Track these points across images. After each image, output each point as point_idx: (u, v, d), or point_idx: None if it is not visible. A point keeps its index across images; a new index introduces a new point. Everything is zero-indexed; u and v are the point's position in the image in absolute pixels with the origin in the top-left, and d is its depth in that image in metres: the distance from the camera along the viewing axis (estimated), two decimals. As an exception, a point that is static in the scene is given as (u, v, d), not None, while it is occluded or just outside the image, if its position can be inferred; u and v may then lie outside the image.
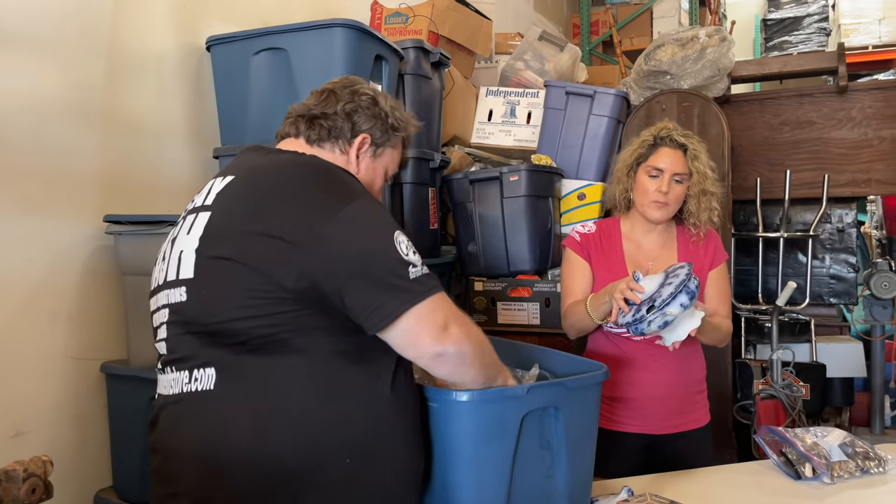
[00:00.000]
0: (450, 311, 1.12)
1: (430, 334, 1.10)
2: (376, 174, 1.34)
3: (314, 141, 1.28)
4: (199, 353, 1.12)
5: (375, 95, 1.33)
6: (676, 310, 1.53)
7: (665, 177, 1.82)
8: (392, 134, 1.33)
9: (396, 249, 1.10)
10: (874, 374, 3.54)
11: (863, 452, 1.69)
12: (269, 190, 1.15)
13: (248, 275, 1.08)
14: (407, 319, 1.08)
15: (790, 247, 3.45)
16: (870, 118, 3.29)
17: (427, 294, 1.10)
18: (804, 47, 8.43)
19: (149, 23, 2.03)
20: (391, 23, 2.83)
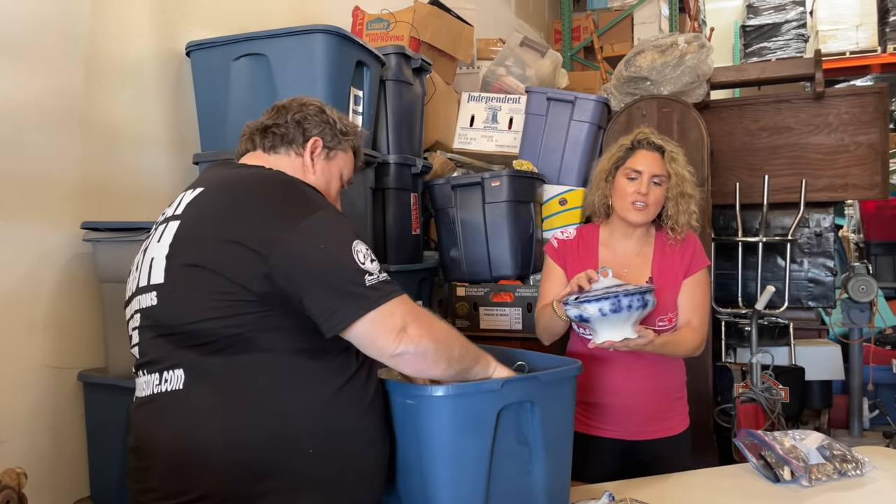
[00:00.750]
0: (409, 314, 1.18)
1: (386, 337, 1.16)
2: (332, 176, 1.42)
3: (269, 148, 1.37)
4: (168, 355, 1.17)
5: (322, 106, 1.43)
6: (593, 311, 1.59)
7: (644, 178, 1.83)
8: (342, 138, 1.42)
9: (353, 259, 1.16)
10: (852, 377, 3.59)
11: (840, 455, 1.71)
12: (234, 200, 1.21)
13: (215, 279, 1.14)
14: (363, 324, 1.15)
15: (769, 251, 3.49)
16: (846, 124, 3.34)
17: (383, 300, 1.16)
18: (783, 53, 8.55)
19: (128, 29, 2.02)
20: (372, 29, 2.83)
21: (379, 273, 1.19)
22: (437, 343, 1.20)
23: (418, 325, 1.18)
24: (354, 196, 2.19)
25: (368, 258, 1.19)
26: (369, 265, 1.18)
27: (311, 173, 1.38)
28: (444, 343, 1.22)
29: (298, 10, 2.70)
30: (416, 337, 1.17)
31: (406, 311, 1.19)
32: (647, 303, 1.60)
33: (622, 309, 1.57)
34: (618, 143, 1.94)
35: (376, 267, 1.19)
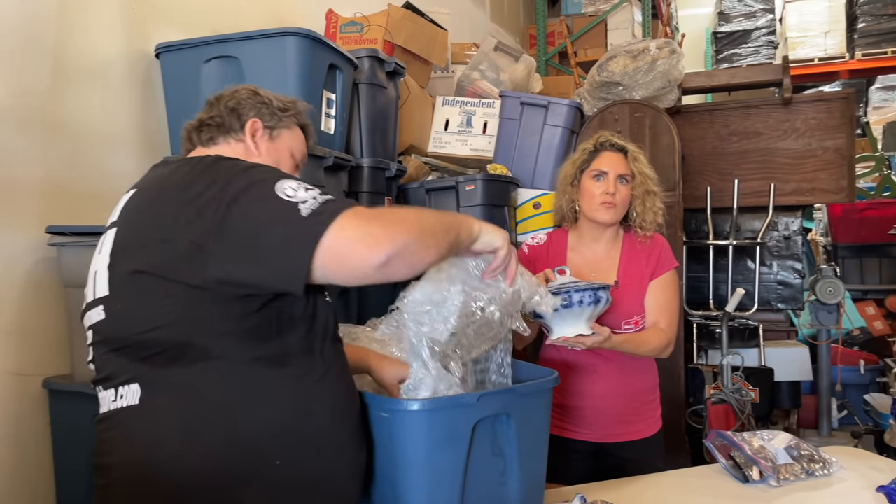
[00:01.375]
0: (365, 219, 1.03)
1: (355, 252, 1.02)
2: (280, 156, 1.36)
3: (207, 141, 1.33)
4: (122, 370, 1.12)
5: (256, 89, 1.37)
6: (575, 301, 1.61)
7: (610, 178, 1.87)
8: (282, 115, 1.36)
9: (280, 199, 1.03)
10: (820, 378, 3.65)
11: (808, 455, 1.73)
12: (163, 194, 1.15)
13: (159, 283, 1.08)
14: (321, 256, 1.01)
15: (739, 254, 3.54)
16: (813, 129, 3.41)
17: (328, 220, 1.01)
18: (753, 60, 8.69)
19: (95, 29, 1.99)
20: (346, 32, 2.82)
21: (318, 197, 1.05)
22: (412, 230, 1.06)
23: (382, 223, 1.03)
24: (327, 199, 2.18)
25: (300, 189, 1.06)
26: (302, 194, 1.05)
27: (256, 157, 1.31)
28: (419, 226, 1.08)
29: (271, 13, 2.68)
30: (386, 236, 1.02)
31: (360, 218, 1.03)
32: (600, 299, 1.62)
33: (573, 304, 1.59)
34: (579, 148, 1.98)
35: (313, 193, 1.06)
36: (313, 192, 1.06)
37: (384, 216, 1.07)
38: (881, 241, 5.21)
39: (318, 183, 2.10)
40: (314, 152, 2.04)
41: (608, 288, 1.66)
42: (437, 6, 3.49)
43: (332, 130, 2.23)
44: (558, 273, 1.72)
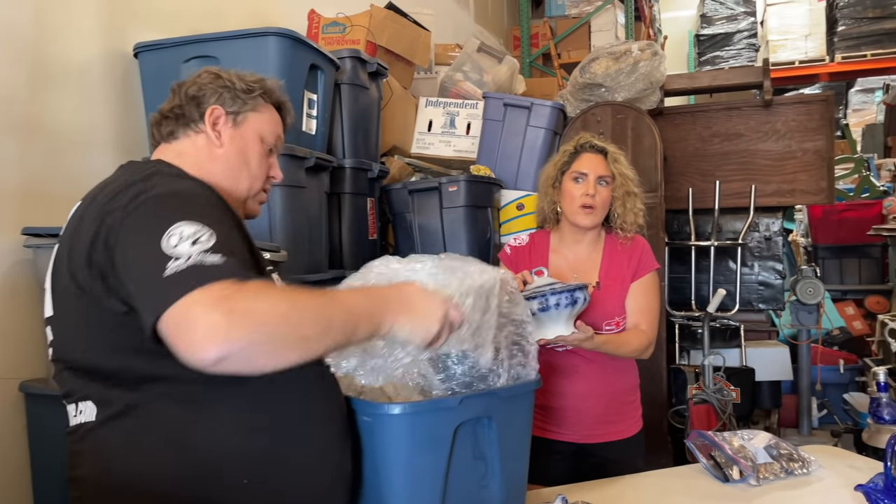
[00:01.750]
0: (217, 305, 0.88)
1: (186, 342, 0.88)
2: (247, 142, 1.26)
3: (168, 136, 1.25)
4: (77, 387, 1.09)
5: (218, 71, 1.27)
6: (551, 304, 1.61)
7: (590, 179, 1.87)
8: (247, 97, 1.25)
9: (159, 245, 0.93)
10: (801, 377, 3.68)
11: (787, 454, 1.74)
12: (86, 212, 1.08)
13: (89, 307, 1.04)
14: (162, 327, 0.90)
15: (721, 255, 3.57)
16: (793, 131, 3.44)
17: (180, 294, 0.89)
18: (735, 62, 8.77)
19: (73, 30, 1.96)
20: (328, 32, 2.81)
21: (197, 255, 0.92)
22: (271, 329, 0.90)
23: (232, 317, 0.87)
24: (309, 201, 2.17)
25: (189, 240, 0.94)
26: (183, 248, 0.93)
27: (217, 147, 1.23)
28: (284, 325, 0.92)
29: (251, 13, 2.66)
30: (225, 332, 0.86)
31: (214, 302, 0.88)
32: (577, 300, 1.62)
33: (550, 307, 1.59)
34: (560, 149, 1.98)
35: (197, 249, 0.93)
36: (200, 248, 0.93)
37: (242, 304, 0.89)
38: (860, 241, 5.28)
39: (300, 184, 2.09)
40: (295, 153, 2.03)
41: (585, 287, 1.66)
42: (420, 7, 3.49)
43: (314, 131, 2.22)
44: (536, 274, 1.72)
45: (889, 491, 1.43)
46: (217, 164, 1.23)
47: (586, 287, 1.66)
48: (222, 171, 1.23)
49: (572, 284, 1.64)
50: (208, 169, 1.22)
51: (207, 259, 0.93)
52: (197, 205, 1.04)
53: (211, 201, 1.10)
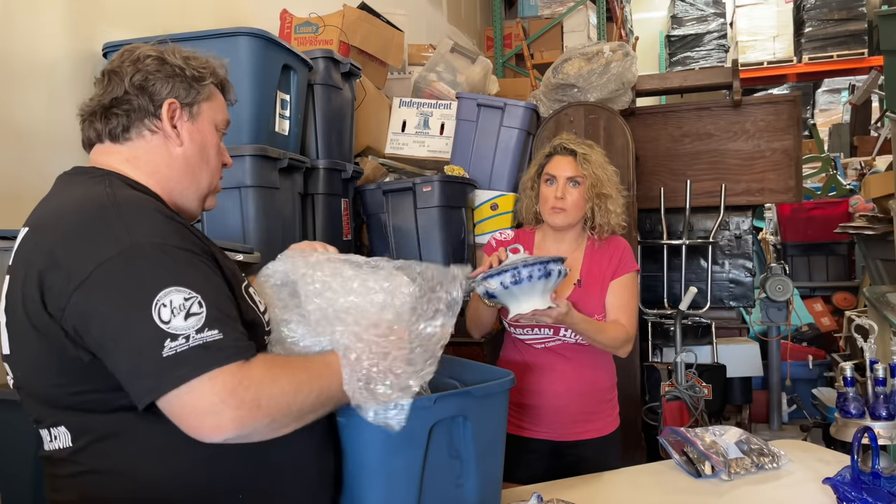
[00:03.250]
0: (224, 392, 0.91)
1: (192, 424, 0.92)
2: (205, 136, 1.18)
3: (119, 136, 1.12)
4: (46, 414, 1.04)
5: (160, 54, 1.14)
6: (496, 285, 1.59)
7: (559, 182, 1.89)
8: (199, 86, 1.16)
9: (152, 319, 0.91)
10: (771, 373, 3.74)
11: (758, 449, 1.77)
12: (41, 248, 0.99)
13: (50, 348, 0.98)
14: (163, 405, 0.93)
15: (692, 253, 3.61)
16: (762, 131, 3.50)
17: (185, 377, 0.90)
18: (705, 63, 8.89)
19: (39, 29, 1.93)
20: (301, 32, 2.79)
21: (196, 333, 0.92)
22: (276, 415, 0.97)
23: (241, 411, 0.92)
24: (282, 202, 2.15)
25: (182, 312, 0.92)
26: (178, 323, 0.91)
27: (177, 145, 1.14)
28: (287, 410, 0.99)
29: (223, 13, 2.64)
30: (233, 423, 0.91)
31: (216, 389, 0.91)
32: (551, 272, 1.58)
33: (523, 280, 1.57)
34: (540, 153, 2.01)
35: (193, 324, 0.92)
36: (195, 323, 0.92)
37: (249, 391, 0.93)
38: (828, 239, 5.38)
39: (273, 185, 2.07)
40: (268, 154, 2.01)
41: (561, 261, 1.62)
42: (394, 7, 3.49)
43: (287, 132, 2.20)
44: (511, 252, 1.71)
45: (856, 483, 1.46)
46: (175, 167, 1.15)
47: (562, 260, 1.62)
48: (181, 173, 1.16)
49: (546, 257, 1.60)
50: (165, 174, 1.14)
51: (207, 337, 0.93)
52: (177, 258, 0.98)
53: (184, 240, 1.02)
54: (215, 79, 1.21)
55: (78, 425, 1.02)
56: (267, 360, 1.01)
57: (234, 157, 1.91)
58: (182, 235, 1.03)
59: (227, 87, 1.26)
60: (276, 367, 1.01)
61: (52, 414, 1.04)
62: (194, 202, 1.20)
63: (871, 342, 1.74)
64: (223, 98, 1.24)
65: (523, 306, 1.63)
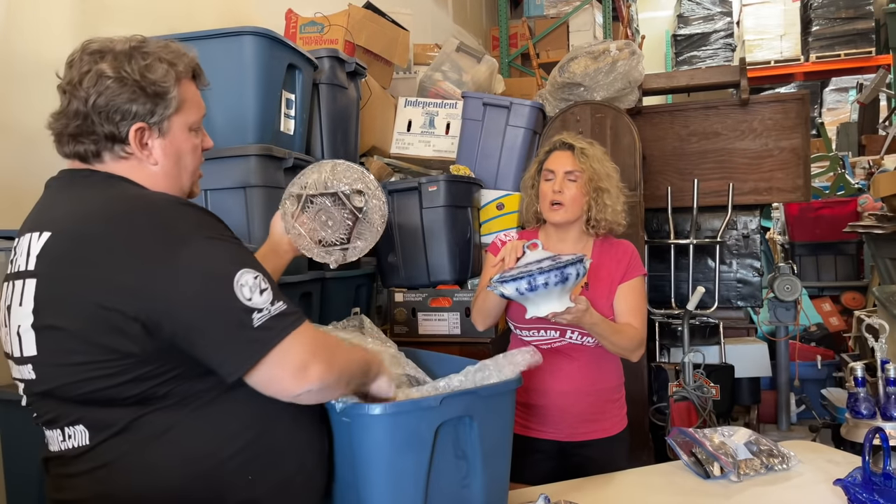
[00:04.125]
0: (308, 349, 1.06)
1: (286, 381, 1.06)
2: (179, 144, 1.17)
3: (91, 159, 1.13)
4: (63, 412, 1.07)
5: (117, 64, 1.09)
6: (511, 291, 1.57)
7: (557, 177, 1.88)
8: (164, 101, 1.12)
9: (236, 297, 1.01)
10: (779, 373, 3.71)
11: (767, 450, 1.76)
12: (89, 249, 1.03)
13: (92, 348, 1.01)
14: (259, 371, 1.04)
15: (700, 253, 3.59)
16: (770, 129, 3.47)
17: (276, 339, 1.03)
18: (712, 62, 8.87)
19: (45, 29, 1.93)
20: (306, 32, 2.79)
21: (271, 305, 1.04)
22: (340, 374, 1.13)
23: (319, 360, 1.07)
24: (288, 201, 2.15)
25: (257, 289, 1.03)
26: (258, 299, 1.03)
27: (151, 164, 1.14)
28: (346, 370, 1.15)
29: (228, 12, 2.64)
30: (318, 374, 1.07)
31: (304, 347, 1.06)
32: (568, 277, 1.54)
33: (538, 287, 1.54)
34: (539, 151, 2.01)
35: (267, 298, 1.04)
36: (268, 295, 1.04)
37: (322, 351, 1.09)
38: (836, 238, 5.35)
39: (278, 185, 2.07)
40: (273, 153, 2.01)
41: (579, 260, 1.57)
42: (399, 7, 3.48)
43: (292, 131, 2.20)
44: (530, 248, 1.67)
45: (867, 485, 1.44)
46: (155, 180, 1.15)
47: (582, 259, 1.57)
48: (163, 185, 1.16)
49: (563, 259, 1.56)
50: (154, 184, 1.15)
51: (280, 308, 1.05)
52: (231, 244, 1.08)
53: (223, 228, 1.11)
54: (183, 75, 1.16)
55: (97, 421, 1.05)
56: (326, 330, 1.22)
57: (239, 156, 1.93)
58: (216, 223, 1.11)
59: (198, 74, 1.22)
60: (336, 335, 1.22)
61: (69, 412, 1.06)
62: None
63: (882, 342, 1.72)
64: (195, 91, 1.20)
65: (541, 309, 1.61)
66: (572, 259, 1.56)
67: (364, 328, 1.67)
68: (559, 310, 1.60)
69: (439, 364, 1.61)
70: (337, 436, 1.27)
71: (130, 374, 1.03)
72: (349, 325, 1.67)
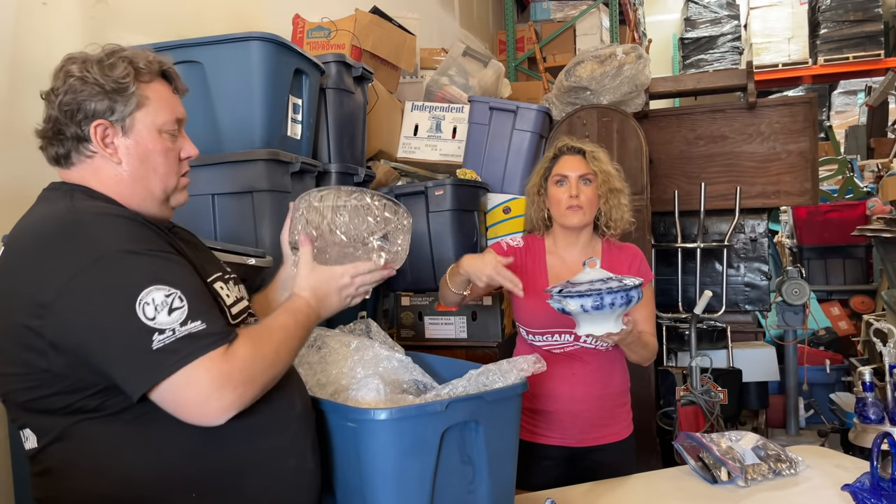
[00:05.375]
0: (212, 379, 0.99)
1: (188, 409, 1.00)
2: (146, 145, 1.14)
3: (64, 163, 1.15)
4: (17, 416, 1.11)
5: (82, 71, 1.10)
6: (575, 307, 1.56)
7: (572, 181, 1.88)
8: (123, 97, 1.11)
9: (137, 316, 0.97)
10: (787, 378, 3.70)
11: (775, 455, 1.75)
12: (19, 263, 1.04)
13: (14, 361, 1.03)
14: (160, 395, 0.99)
15: (707, 256, 3.58)
16: (777, 133, 3.46)
17: (176, 365, 0.97)
18: (719, 65, 8.84)
19: (55, 34, 1.94)
20: (313, 37, 2.80)
21: (180, 325, 0.98)
22: (266, 381, 1.08)
23: (228, 389, 1.00)
24: (294, 206, 2.15)
25: (165, 308, 0.98)
26: (163, 318, 0.97)
27: (115, 163, 1.13)
28: (274, 370, 1.09)
29: (236, 17, 2.65)
30: (226, 406, 1.00)
31: (209, 376, 0.98)
32: (632, 299, 1.56)
33: (605, 307, 1.54)
34: (543, 158, 2.00)
35: (177, 318, 0.98)
36: (178, 316, 0.98)
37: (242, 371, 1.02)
38: (845, 242, 5.32)
39: (285, 189, 2.07)
40: (280, 158, 2.02)
41: (639, 286, 1.58)
42: (406, 11, 3.49)
43: (299, 136, 2.21)
44: (588, 265, 1.65)
45: (875, 490, 1.43)
46: (122, 182, 1.14)
47: (640, 285, 1.59)
48: (130, 187, 1.15)
49: (628, 284, 1.56)
50: (116, 190, 1.14)
51: (192, 328, 0.99)
52: (149, 258, 1.03)
53: (150, 241, 1.06)
54: (144, 73, 1.14)
55: (38, 427, 1.07)
56: (248, 336, 1.08)
57: (246, 161, 1.94)
58: (147, 237, 1.08)
59: (170, 74, 1.20)
60: (257, 337, 1.09)
61: (18, 416, 1.10)
62: (154, 208, 1.19)
63: (890, 346, 1.71)
64: (166, 94, 1.18)
65: (598, 328, 1.61)
66: (637, 282, 1.58)
67: (371, 332, 1.67)
68: (615, 330, 1.61)
69: (446, 368, 1.61)
70: (342, 440, 1.26)
71: (52, 387, 1.03)
72: (356, 329, 1.67)
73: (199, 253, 1.26)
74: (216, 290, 1.18)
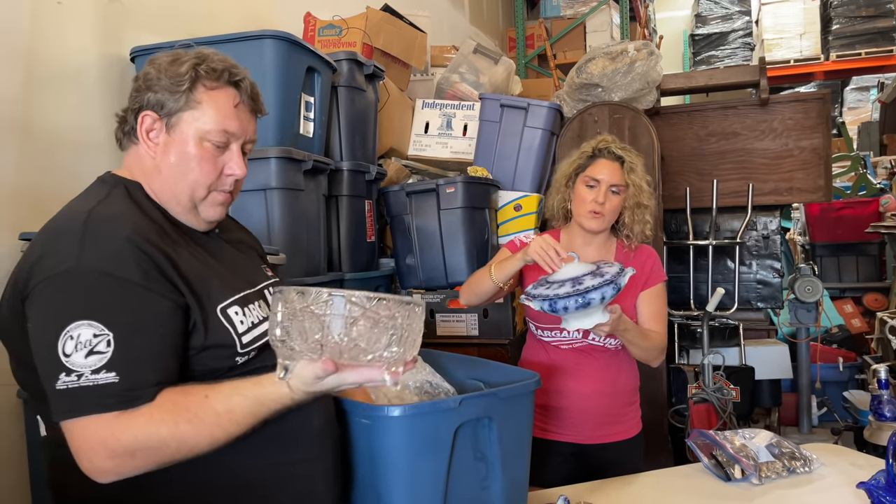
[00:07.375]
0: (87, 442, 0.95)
1: (77, 458, 0.97)
2: (183, 150, 1.12)
3: (121, 146, 1.18)
4: (31, 402, 1.17)
5: (162, 61, 1.12)
6: (560, 308, 1.55)
7: (602, 188, 1.85)
8: (174, 93, 1.10)
9: (56, 348, 0.94)
10: (800, 375, 3.68)
11: (789, 453, 1.74)
12: (26, 254, 1.07)
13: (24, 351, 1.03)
14: (65, 432, 0.97)
15: (719, 254, 3.56)
16: (790, 129, 3.44)
17: (67, 414, 0.95)
18: (730, 61, 8.79)
19: (69, 33, 1.96)
20: (325, 35, 2.81)
21: (92, 373, 0.93)
22: (149, 463, 0.98)
23: (107, 455, 0.95)
24: (307, 204, 2.16)
25: (85, 348, 0.93)
26: (78, 359, 0.93)
27: (150, 156, 1.13)
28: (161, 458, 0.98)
29: (248, 16, 2.66)
30: (107, 470, 0.96)
31: (88, 436, 0.94)
32: (620, 286, 1.56)
33: (591, 303, 1.54)
34: (580, 149, 1.95)
35: (93, 363, 0.93)
36: (94, 361, 0.94)
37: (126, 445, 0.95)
38: (858, 239, 5.28)
39: (298, 187, 2.08)
40: (293, 156, 2.02)
41: (624, 273, 1.58)
42: (416, 9, 3.49)
43: (311, 133, 2.21)
44: (566, 261, 1.66)
45: (891, 488, 1.42)
46: (158, 177, 1.14)
47: (624, 270, 1.58)
48: (160, 184, 1.14)
49: (608, 277, 1.56)
50: (151, 184, 1.15)
51: (100, 379, 0.94)
52: (111, 288, 0.97)
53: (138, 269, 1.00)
54: (205, 77, 1.11)
55: (44, 414, 1.09)
56: (161, 407, 0.98)
57: (259, 158, 1.95)
58: (139, 263, 1.00)
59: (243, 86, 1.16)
60: (171, 412, 0.97)
61: (34, 403, 1.15)
62: (181, 213, 1.16)
63: (905, 344, 1.70)
64: (226, 104, 1.13)
65: (585, 322, 1.61)
66: (617, 272, 1.57)
67: None
68: (602, 321, 1.61)
69: (458, 365, 1.62)
70: (356, 437, 1.27)
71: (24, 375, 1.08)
72: None
73: (233, 264, 1.20)
74: (230, 315, 1.10)
